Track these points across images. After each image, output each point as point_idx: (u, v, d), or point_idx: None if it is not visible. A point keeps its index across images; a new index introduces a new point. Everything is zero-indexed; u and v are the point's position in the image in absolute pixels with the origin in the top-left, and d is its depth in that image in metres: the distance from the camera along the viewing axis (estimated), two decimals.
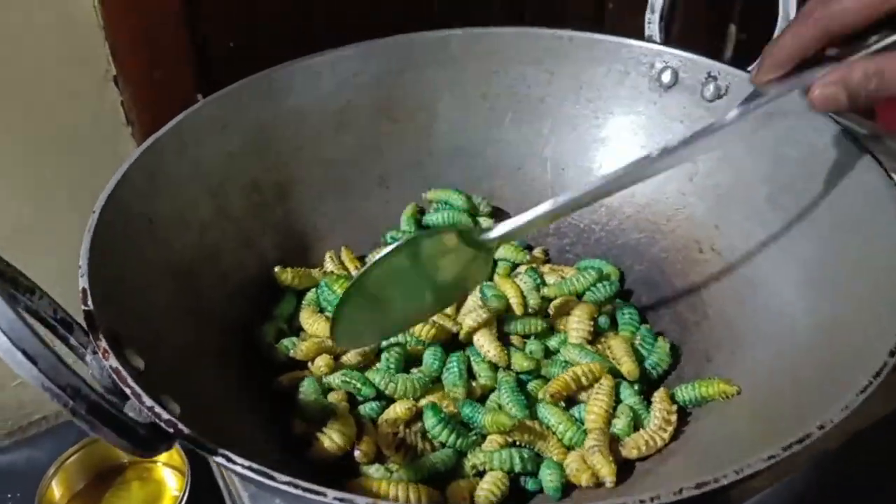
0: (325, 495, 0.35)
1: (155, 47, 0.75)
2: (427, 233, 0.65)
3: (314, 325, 0.62)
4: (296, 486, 0.35)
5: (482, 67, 0.74)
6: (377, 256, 0.52)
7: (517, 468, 0.53)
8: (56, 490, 0.74)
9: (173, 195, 0.60)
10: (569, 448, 0.55)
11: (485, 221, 0.72)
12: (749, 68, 0.65)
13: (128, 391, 0.40)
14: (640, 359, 0.60)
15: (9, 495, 0.77)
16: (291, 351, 0.61)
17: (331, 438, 0.52)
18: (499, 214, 0.74)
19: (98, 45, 0.71)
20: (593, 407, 0.55)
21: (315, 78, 0.70)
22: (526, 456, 0.54)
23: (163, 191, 0.59)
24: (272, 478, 0.36)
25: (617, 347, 0.60)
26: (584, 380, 0.58)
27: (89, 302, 0.45)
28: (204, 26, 0.76)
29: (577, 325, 0.62)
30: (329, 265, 0.69)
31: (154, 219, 0.57)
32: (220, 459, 0.37)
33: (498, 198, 0.75)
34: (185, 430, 0.38)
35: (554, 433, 0.55)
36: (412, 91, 0.73)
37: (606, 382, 0.57)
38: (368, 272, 0.51)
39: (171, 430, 0.38)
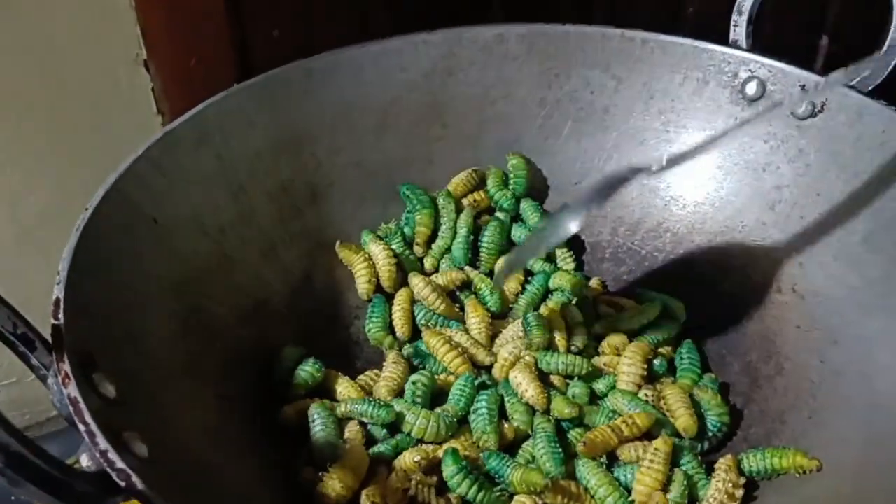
0: None
1: (191, 32, 0.69)
2: None
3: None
4: None
5: (542, 70, 0.66)
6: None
7: None
8: None
9: (187, 195, 0.54)
10: None
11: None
12: (851, 81, 0.56)
13: (81, 427, 0.34)
14: (699, 413, 0.52)
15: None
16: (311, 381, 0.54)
17: (331, 485, 0.45)
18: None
19: (128, 26, 0.66)
20: (645, 477, 0.47)
21: (357, 71, 0.64)
22: None
23: (175, 189, 0.53)
24: None
25: (672, 398, 0.52)
26: (626, 431, 0.50)
27: (60, 315, 0.39)
28: (246, 12, 0.70)
29: (627, 367, 0.54)
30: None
31: (160, 220, 0.51)
32: None
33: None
34: (139, 485, 0.32)
35: (592, 497, 0.48)
36: (462, 92, 0.66)
37: (664, 448, 0.48)
38: None
39: (123, 483, 0.32)
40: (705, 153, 0.62)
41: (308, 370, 0.54)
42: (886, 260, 0.51)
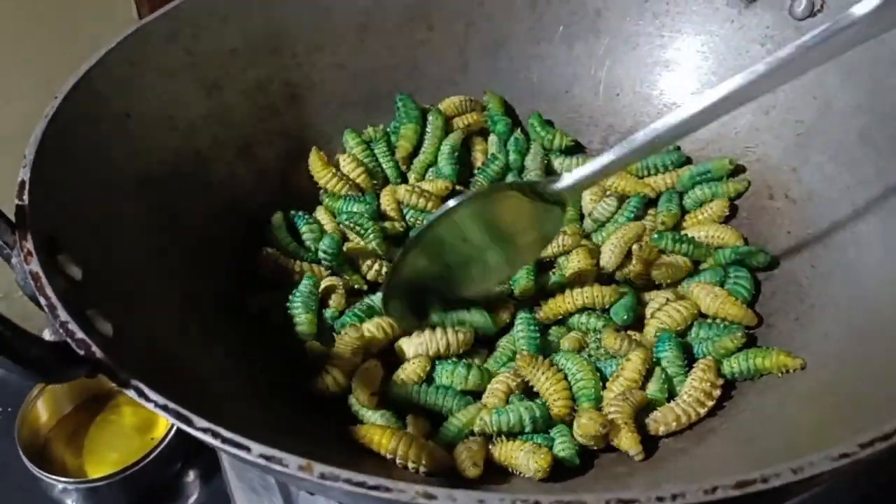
0: (248, 449, 0.27)
1: None
2: (485, 191, 0.56)
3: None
4: (215, 436, 0.28)
5: None
6: (430, 217, 0.46)
7: (527, 428, 0.46)
8: (42, 412, 0.69)
9: (157, 90, 0.52)
10: (575, 400, 0.47)
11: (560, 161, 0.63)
12: None
13: (42, 301, 0.33)
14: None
15: None
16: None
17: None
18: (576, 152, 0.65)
19: None
20: (626, 372, 0.47)
21: None
22: (538, 415, 0.46)
23: (145, 83, 0.51)
24: (189, 422, 0.28)
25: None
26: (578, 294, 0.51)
27: (25, 196, 0.38)
28: None
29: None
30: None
31: (132, 114, 0.50)
32: (131, 393, 0.29)
33: None
34: (98, 353, 0.31)
35: (569, 382, 0.47)
36: None
37: (640, 356, 0.47)
38: (422, 236, 0.47)
39: (83, 352, 0.31)
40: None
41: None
42: (879, 156, 0.49)
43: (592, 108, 0.65)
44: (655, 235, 0.55)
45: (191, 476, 0.68)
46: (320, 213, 0.59)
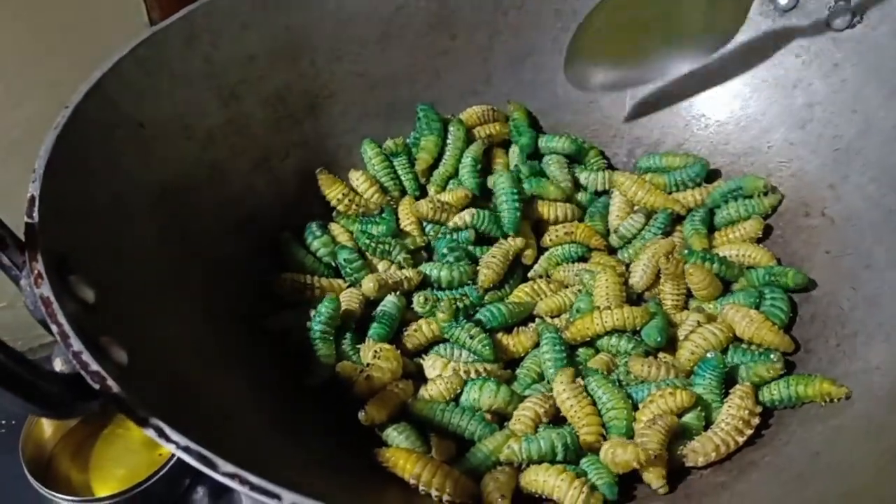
0: (278, 498, 0.25)
1: None
2: None
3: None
4: (242, 482, 0.25)
5: None
6: None
7: (559, 456, 0.43)
8: (46, 426, 0.67)
9: (173, 98, 0.50)
10: (606, 428, 0.45)
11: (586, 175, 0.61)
12: None
13: (54, 328, 0.31)
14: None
15: (2, 421, 0.71)
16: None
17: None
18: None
19: None
20: (659, 400, 0.44)
21: None
22: (569, 442, 0.44)
23: (160, 91, 0.49)
24: (213, 465, 0.26)
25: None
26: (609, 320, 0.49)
27: (35, 214, 0.36)
28: None
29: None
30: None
31: (146, 123, 0.48)
32: (150, 432, 0.27)
33: None
34: (114, 388, 0.29)
35: (596, 405, 0.46)
36: (473, 1, 0.62)
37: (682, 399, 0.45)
38: None
39: (98, 386, 0.29)
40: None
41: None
42: None
43: (618, 120, 0.63)
44: (685, 251, 0.53)
45: (200, 493, 0.66)
46: (334, 228, 0.57)
